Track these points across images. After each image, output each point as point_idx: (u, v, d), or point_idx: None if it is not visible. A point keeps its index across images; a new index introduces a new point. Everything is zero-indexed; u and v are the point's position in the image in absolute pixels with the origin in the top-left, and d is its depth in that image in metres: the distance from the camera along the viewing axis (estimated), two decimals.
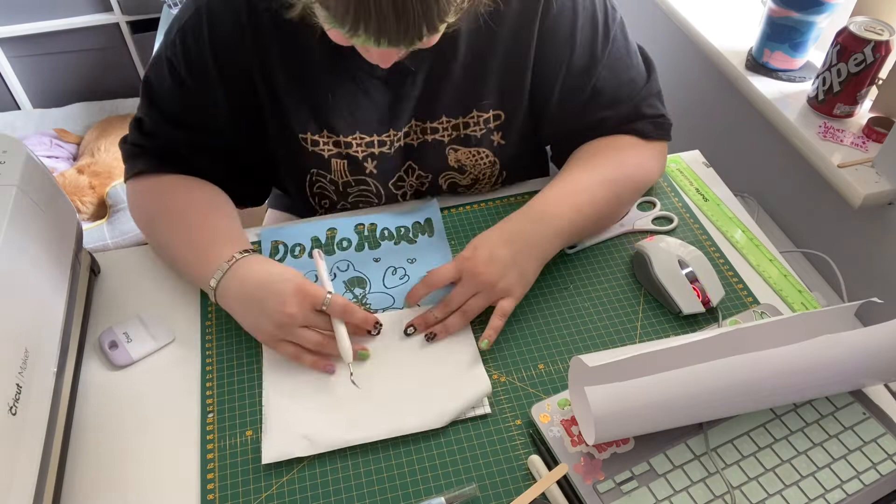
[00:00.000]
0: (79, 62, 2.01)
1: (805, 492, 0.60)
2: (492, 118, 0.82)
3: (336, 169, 0.83)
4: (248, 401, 0.68)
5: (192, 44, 0.73)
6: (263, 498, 0.61)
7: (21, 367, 0.56)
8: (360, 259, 0.81)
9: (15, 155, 0.66)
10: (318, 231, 0.84)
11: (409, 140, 0.83)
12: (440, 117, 0.81)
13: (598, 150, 0.83)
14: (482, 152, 0.85)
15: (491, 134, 0.83)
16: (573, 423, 0.64)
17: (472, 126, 0.82)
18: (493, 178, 0.89)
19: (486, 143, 0.84)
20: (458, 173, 0.87)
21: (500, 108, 0.82)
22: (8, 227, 0.59)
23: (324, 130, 0.80)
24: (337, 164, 0.83)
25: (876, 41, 0.99)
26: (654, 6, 1.46)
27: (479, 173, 0.87)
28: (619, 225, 0.85)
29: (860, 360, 0.62)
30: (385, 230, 0.84)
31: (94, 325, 0.75)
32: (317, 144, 0.81)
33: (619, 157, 0.82)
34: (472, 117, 0.81)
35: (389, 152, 0.83)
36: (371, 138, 0.81)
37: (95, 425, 0.67)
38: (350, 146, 0.81)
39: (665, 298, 0.75)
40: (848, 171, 1.02)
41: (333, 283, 0.78)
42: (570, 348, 0.72)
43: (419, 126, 0.82)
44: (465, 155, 0.84)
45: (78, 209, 1.72)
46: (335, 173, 0.84)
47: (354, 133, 0.80)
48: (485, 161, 0.86)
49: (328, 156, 0.82)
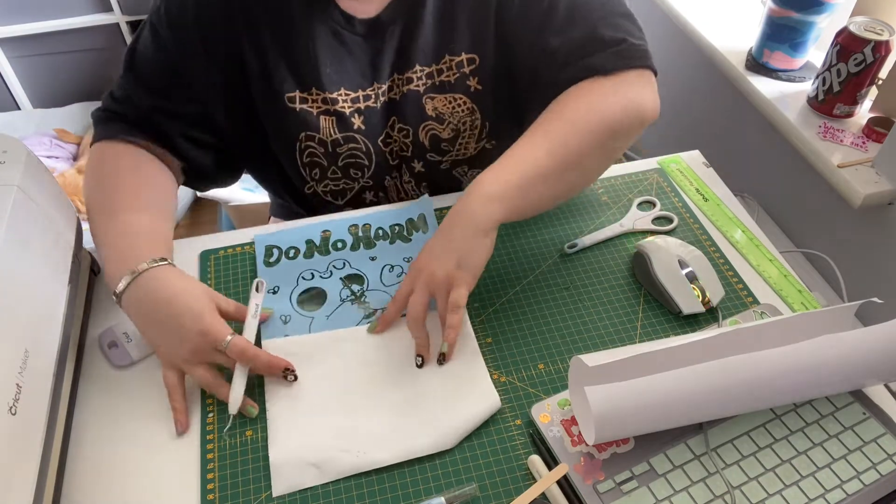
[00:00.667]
0: (79, 62, 2.01)
1: (805, 492, 0.60)
2: (465, 62, 0.81)
3: (324, 127, 0.83)
4: None
5: (175, 9, 0.76)
6: (263, 498, 0.61)
7: (21, 367, 0.56)
8: (357, 258, 0.81)
9: (15, 155, 0.66)
10: (312, 234, 0.84)
11: (392, 94, 0.83)
12: (414, 66, 0.81)
13: (550, 108, 0.74)
14: (458, 98, 0.83)
15: (466, 79, 0.82)
16: (573, 423, 0.64)
17: (446, 72, 0.82)
18: (474, 129, 0.86)
19: (460, 88, 0.83)
20: (438, 123, 0.85)
21: (473, 52, 0.81)
22: (8, 227, 0.59)
23: (312, 88, 0.81)
24: (325, 121, 0.83)
25: (876, 41, 0.99)
26: (654, 6, 1.46)
27: (458, 122, 0.85)
28: (619, 225, 0.85)
29: (860, 360, 0.62)
30: (379, 230, 0.84)
31: (94, 325, 0.75)
32: (305, 102, 0.81)
33: (568, 109, 0.73)
34: (444, 62, 0.81)
35: (375, 106, 0.83)
36: (356, 94, 0.82)
37: (95, 425, 0.67)
38: (336, 102, 0.82)
39: (665, 298, 0.75)
40: (848, 171, 1.02)
41: (329, 280, 0.78)
42: (570, 348, 0.72)
43: (399, 79, 0.82)
44: (442, 102, 0.83)
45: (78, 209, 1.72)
46: (323, 131, 0.83)
47: (339, 89, 0.81)
48: (462, 108, 0.84)
49: (316, 113, 0.82)
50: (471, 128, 0.86)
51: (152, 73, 0.79)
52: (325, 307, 0.76)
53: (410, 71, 0.81)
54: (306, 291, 0.77)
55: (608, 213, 0.87)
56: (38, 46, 1.96)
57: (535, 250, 0.83)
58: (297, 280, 0.78)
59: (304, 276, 0.79)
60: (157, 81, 0.79)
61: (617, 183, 0.92)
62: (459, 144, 0.87)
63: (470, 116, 0.85)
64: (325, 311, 0.75)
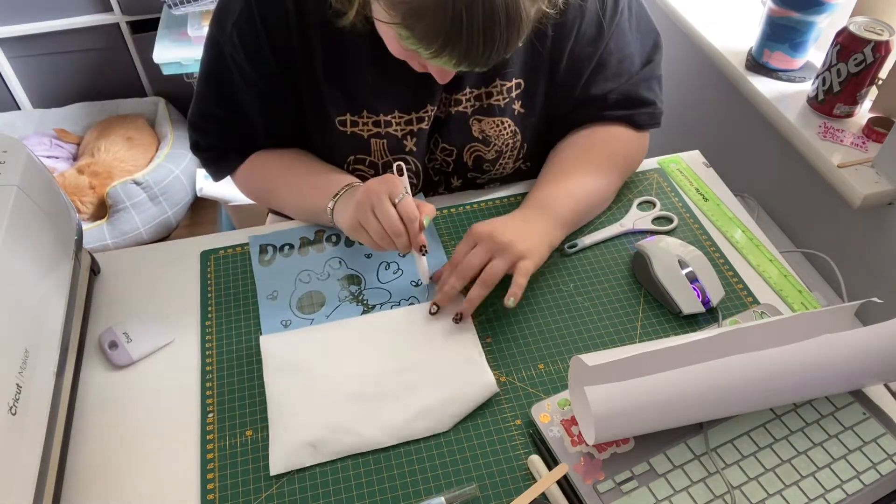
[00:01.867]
0: (79, 62, 2.01)
1: (805, 492, 0.60)
2: (514, 87, 0.82)
3: (376, 149, 0.84)
4: (248, 401, 0.68)
5: (250, 39, 0.76)
6: (263, 498, 0.61)
7: (21, 367, 0.56)
8: (352, 255, 0.81)
9: (15, 155, 0.66)
10: (306, 231, 0.84)
11: (439, 113, 0.84)
12: (465, 89, 0.81)
13: (592, 142, 0.85)
14: (505, 122, 0.85)
15: (513, 103, 0.84)
16: (573, 423, 0.64)
17: (496, 95, 0.82)
18: (514, 149, 0.88)
19: (508, 112, 0.84)
20: (483, 145, 0.86)
21: (521, 77, 0.82)
22: (8, 227, 0.59)
23: (363, 111, 0.81)
24: (377, 143, 0.84)
25: (876, 41, 0.99)
26: (654, 6, 1.46)
27: (502, 144, 0.87)
28: (619, 225, 0.85)
29: (860, 360, 0.62)
30: None
31: (94, 325, 0.75)
32: (356, 125, 0.82)
33: (611, 149, 0.86)
34: (495, 86, 0.82)
35: (426, 129, 0.84)
36: (409, 116, 0.82)
37: (95, 425, 0.67)
38: (390, 125, 0.82)
39: (665, 298, 0.75)
40: (848, 171, 1.02)
41: (327, 282, 0.79)
42: (570, 348, 0.72)
43: (447, 98, 0.82)
44: (489, 125, 0.85)
45: (78, 209, 1.72)
46: (375, 154, 0.84)
47: (393, 112, 0.81)
48: (507, 131, 0.85)
49: (367, 136, 0.83)
50: (512, 149, 0.88)
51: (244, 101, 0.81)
52: (325, 308, 0.76)
53: (460, 93, 0.82)
54: (305, 295, 0.78)
55: (608, 213, 0.87)
56: (38, 46, 1.95)
57: None
58: (295, 283, 0.78)
59: (301, 279, 0.79)
60: (249, 108, 0.81)
61: None
62: (500, 164, 0.89)
63: (513, 139, 0.87)
64: (325, 312, 0.75)
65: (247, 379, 0.70)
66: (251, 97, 0.80)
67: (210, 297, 0.77)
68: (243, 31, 0.76)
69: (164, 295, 0.78)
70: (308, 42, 0.76)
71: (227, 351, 0.72)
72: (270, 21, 0.75)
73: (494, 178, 0.91)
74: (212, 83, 0.81)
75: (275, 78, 0.79)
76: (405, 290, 0.78)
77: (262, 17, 0.75)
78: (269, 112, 0.82)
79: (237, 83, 0.79)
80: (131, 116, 1.93)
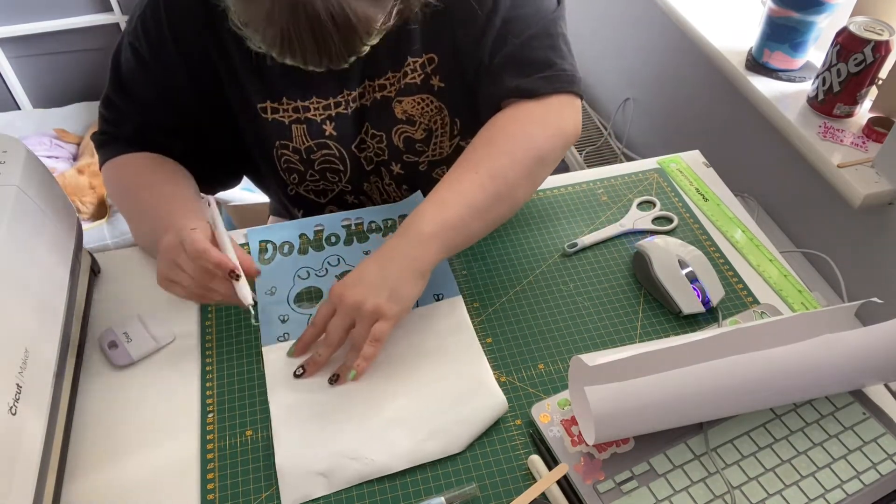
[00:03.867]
0: (79, 62, 2.01)
1: (805, 492, 0.60)
2: (426, 62, 0.81)
3: (297, 135, 0.84)
4: (248, 401, 0.68)
5: (153, 32, 0.76)
6: (263, 498, 0.61)
7: (21, 367, 0.56)
8: (350, 253, 0.81)
9: (15, 155, 0.66)
10: (305, 229, 0.84)
11: (364, 101, 0.84)
12: (387, 73, 0.81)
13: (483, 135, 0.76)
14: (426, 98, 0.84)
15: (430, 79, 0.83)
16: (573, 423, 0.64)
17: (411, 74, 0.82)
18: (444, 126, 0.87)
19: (426, 88, 0.83)
20: (409, 125, 0.86)
21: (431, 52, 0.81)
22: (8, 227, 0.59)
23: (282, 98, 0.82)
24: (297, 129, 0.84)
25: (876, 41, 0.99)
26: (654, 6, 1.46)
27: (429, 122, 0.86)
28: (619, 225, 0.85)
29: (860, 360, 0.62)
30: (372, 223, 0.84)
31: (94, 325, 0.75)
32: (276, 112, 0.82)
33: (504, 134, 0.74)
34: (408, 65, 0.81)
35: (346, 113, 0.83)
36: (327, 101, 0.82)
37: (95, 425, 0.67)
38: (308, 110, 0.82)
39: (665, 298, 0.75)
40: (848, 171, 1.02)
41: (325, 278, 0.78)
42: (570, 348, 0.72)
43: (370, 85, 0.83)
44: (410, 104, 0.84)
45: (78, 209, 1.72)
46: (296, 139, 0.85)
47: (311, 98, 0.82)
48: (431, 107, 0.85)
49: (288, 122, 0.83)
50: (441, 126, 0.87)
51: (141, 92, 0.80)
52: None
53: (384, 77, 0.82)
54: (303, 290, 0.77)
55: (608, 213, 0.87)
56: (38, 46, 1.96)
57: (535, 250, 0.83)
58: (294, 279, 0.78)
59: (299, 275, 0.79)
60: (147, 99, 0.80)
61: (617, 183, 0.92)
62: (434, 144, 0.88)
63: (439, 115, 0.86)
64: None
65: (247, 379, 0.70)
66: (148, 86, 0.80)
67: None
68: (146, 20, 0.76)
69: (164, 295, 0.77)
70: (219, 33, 0.77)
71: (227, 351, 0.72)
72: (177, 12, 0.76)
73: (434, 159, 0.90)
74: (113, 69, 0.81)
75: (176, 69, 0.78)
76: None
77: (168, 14, 0.76)
78: (165, 104, 0.80)
79: (136, 70, 0.79)
80: None
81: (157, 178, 0.80)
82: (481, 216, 0.71)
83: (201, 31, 0.77)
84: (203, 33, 0.77)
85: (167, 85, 0.79)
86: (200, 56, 0.78)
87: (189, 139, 0.83)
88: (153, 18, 0.76)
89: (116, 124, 0.82)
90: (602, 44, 1.90)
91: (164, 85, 0.79)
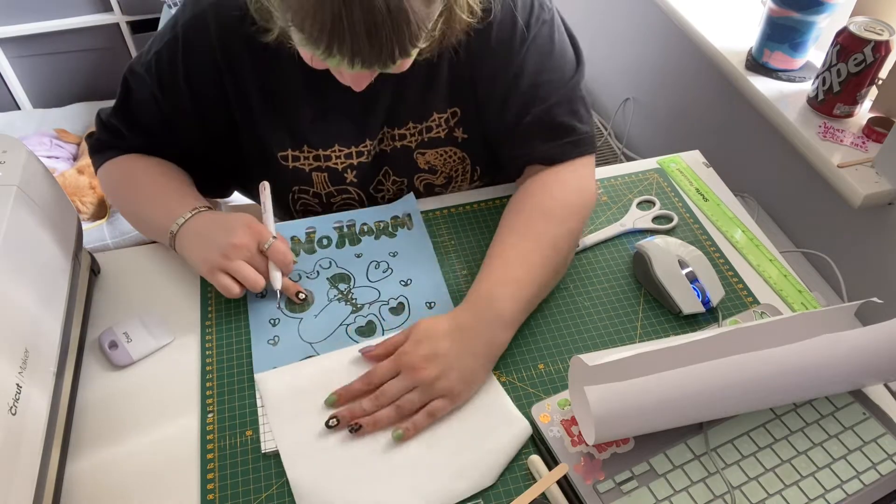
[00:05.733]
0: (79, 62, 2.01)
1: (805, 492, 0.60)
2: (450, 116, 0.83)
3: (318, 182, 0.86)
4: (248, 401, 0.68)
5: (165, 68, 0.76)
6: (263, 498, 0.61)
7: (21, 367, 0.56)
8: (342, 256, 0.81)
9: (15, 155, 0.66)
10: (296, 231, 0.84)
11: (383, 146, 0.85)
12: (407, 123, 0.83)
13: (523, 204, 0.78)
14: (449, 150, 0.86)
15: (453, 131, 0.84)
16: (573, 423, 0.64)
17: (436, 129, 0.84)
18: (466, 174, 0.89)
19: (450, 141, 0.85)
20: (430, 174, 0.88)
21: (455, 105, 0.82)
22: (8, 227, 0.59)
23: (304, 146, 0.82)
24: (318, 177, 0.85)
25: (876, 41, 0.99)
26: (654, 6, 1.46)
27: (450, 171, 0.88)
28: (620, 224, 0.85)
29: (860, 360, 0.62)
30: (364, 225, 0.84)
31: (94, 325, 0.75)
32: (297, 160, 0.83)
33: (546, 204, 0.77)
34: (433, 120, 0.83)
35: (367, 161, 0.85)
36: (349, 150, 0.83)
37: (95, 425, 0.67)
38: (329, 159, 0.84)
39: (665, 298, 0.75)
40: (848, 171, 1.02)
41: (316, 281, 0.78)
42: (570, 348, 0.72)
43: (389, 133, 0.84)
44: (434, 156, 0.86)
45: (78, 209, 1.72)
46: (318, 186, 0.86)
47: (333, 146, 0.83)
48: (454, 158, 0.87)
49: (309, 170, 0.84)
50: (462, 173, 0.89)
51: (147, 121, 0.80)
52: (313, 307, 0.76)
53: (404, 128, 0.83)
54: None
55: (608, 213, 0.87)
56: (38, 46, 1.96)
57: None
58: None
59: (291, 278, 0.79)
60: (150, 127, 0.81)
61: (617, 183, 0.92)
62: (453, 188, 0.91)
63: (461, 164, 0.88)
64: (313, 312, 0.75)
65: (247, 379, 0.70)
66: (154, 118, 0.80)
67: (210, 297, 0.77)
68: (161, 61, 0.76)
69: (164, 295, 0.78)
70: (240, 80, 0.77)
71: (227, 351, 0.72)
72: (194, 62, 0.76)
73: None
74: (123, 89, 0.81)
75: (187, 113, 0.78)
76: (394, 289, 0.77)
77: (185, 56, 0.75)
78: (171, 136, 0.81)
79: (143, 102, 0.79)
80: None
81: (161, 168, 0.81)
82: (544, 291, 0.75)
83: (220, 79, 0.77)
84: (220, 82, 0.77)
85: (174, 124, 0.80)
86: (215, 103, 0.78)
87: (191, 162, 0.84)
88: (169, 62, 0.76)
89: (117, 137, 0.82)
90: (602, 44, 1.90)
91: (171, 124, 0.80)
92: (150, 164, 0.82)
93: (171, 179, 0.81)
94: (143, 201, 0.80)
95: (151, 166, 0.81)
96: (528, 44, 0.77)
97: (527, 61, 0.77)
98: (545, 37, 0.78)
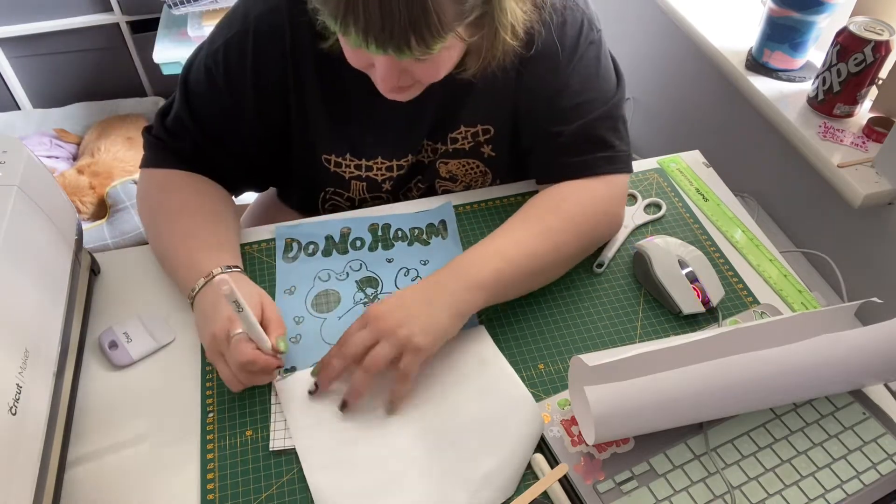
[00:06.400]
0: (79, 62, 2.01)
1: (805, 492, 0.60)
2: (480, 132, 0.83)
3: (355, 189, 0.87)
4: (248, 401, 0.68)
5: (234, 59, 0.76)
6: (263, 498, 0.61)
7: (21, 367, 0.56)
8: (374, 259, 0.81)
9: (15, 155, 0.66)
10: (331, 230, 0.84)
11: (420, 157, 0.86)
12: (445, 137, 0.84)
13: (541, 200, 0.78)
14: (472, 163, 0.87)
15: (481, 146, 0.85)
16: (573, 423, 0.64)
17: (461, 141, 0.84)
18: (485, 185, 0.91)
19: (475, 154, 0.86)
20: (451, 182, 0.90)
21: (488, 123, 0.83)
22: (8, 227, 0.59)
23: (348, 154, 0.84)
24: (356, 185, 0.87)
25: (876, 41, 0.99)
26: (654, 6, 1.46)
27: (470, 181, 0.90)
28: (624, 227, 0.84)
29: (860, 360, 0.62)
30: (399, 231, 0.84)
31: (94, 325, 0.75)
32: (339, 166, 0.85)
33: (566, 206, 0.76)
34: (459, 132, 0.83)
35: (404, 173, 0.86)
36: (391, 162, 0.84)
37: (95, 425, 0.67)
38: (371, 169, 0.85)
39: (665, 298, 0.75)
40: (848, 171, 1.02)
41: (345, 282, 0.78)
42: (570, 348, 0.72)
43: (430, 146, 0.85)
44: (456, 166, 0.87)
45: (78, 209, 1.72)
46: (354, 192, 0.88)
47: (376, 158, 0.84)
48: (476, 171, 0.88)
49: (349, 177, 0.86)
50: (481, 183, 0.91)
51: (207, 114, 0.79)
52: (338, 309, 0.76)
53: (439, 142, 0.84)
54: (321, 293, 0.78)
55: None
56: (38, 46, 1.95)
57: None
58: (314, 280, 0.79)
59: (320, 277, 0.79)
60: (210, 122, 0.79)
61: None
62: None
63: (482, 177, 0.89)
64: (338, 313, 0.75)
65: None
66: (214, 109, 0.79)
67: None
68: (231, 48, 0.75)
69: (164, 295, 0.78)
70: (303, 78, 0.77)
71: None
72: (264, 54, 0.75)
73: None
74: (183, 82, 0.80)
75: (247, 102, 0.77)
76: None
77: (255, 47, 0.75)
78: (228, 128, 0.80)
79: (205, 94, 0.78)
80: (131, 116, 1.93)
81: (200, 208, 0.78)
82: (532, 280, 0.74)
83: (285, 75, 0.77)
84: (287, 77, 0.77)
85: (233, 116, 0.79)
86: (276, 93, 0.78)
87: (242, 161, 0.82)
88: (238, 48, 0.75)
89: (175, 137, 0.80)
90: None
91: (231, 113, 0.79)
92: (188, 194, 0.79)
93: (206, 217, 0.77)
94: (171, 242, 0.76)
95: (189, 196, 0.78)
96: (575, 63, 0.77)
97: (571, 79, 0.77)
98: (591, 58, 0.78)
